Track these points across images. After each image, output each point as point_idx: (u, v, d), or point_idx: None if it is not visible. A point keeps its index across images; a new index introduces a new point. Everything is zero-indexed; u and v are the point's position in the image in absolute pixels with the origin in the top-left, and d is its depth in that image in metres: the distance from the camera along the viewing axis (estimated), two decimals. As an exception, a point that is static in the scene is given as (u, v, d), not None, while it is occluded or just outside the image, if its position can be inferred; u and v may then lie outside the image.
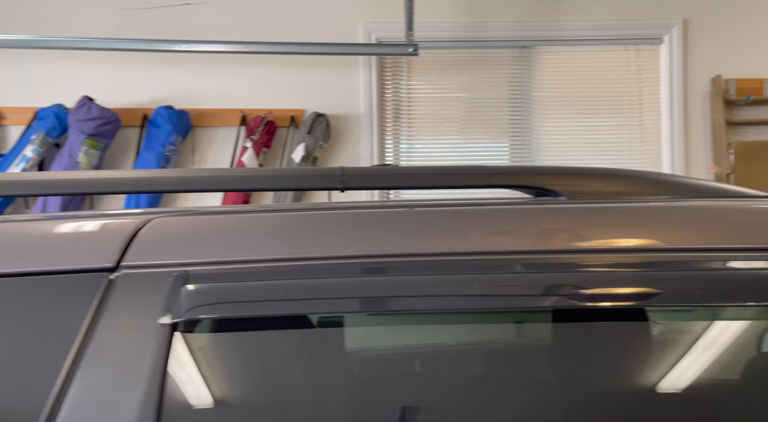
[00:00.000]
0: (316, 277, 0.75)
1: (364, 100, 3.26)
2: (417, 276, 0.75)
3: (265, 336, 0.76)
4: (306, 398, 0.76)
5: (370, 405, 0.75)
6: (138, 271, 0.75)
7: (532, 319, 0.81)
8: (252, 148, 3.08)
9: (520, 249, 0.77)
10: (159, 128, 3.04)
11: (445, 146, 3.41)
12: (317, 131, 3.15)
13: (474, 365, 0.82)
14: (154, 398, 0.68)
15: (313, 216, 0.87)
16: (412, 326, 0.82)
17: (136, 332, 0.71)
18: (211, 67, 3.16)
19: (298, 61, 3.20)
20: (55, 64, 3.09)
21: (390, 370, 0.81)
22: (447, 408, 0.75)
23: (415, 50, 3.00)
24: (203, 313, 0.73)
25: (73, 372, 0.69)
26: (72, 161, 2.97)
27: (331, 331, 0.79)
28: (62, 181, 1.00)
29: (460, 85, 3.38)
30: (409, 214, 0.88)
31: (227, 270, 0.75)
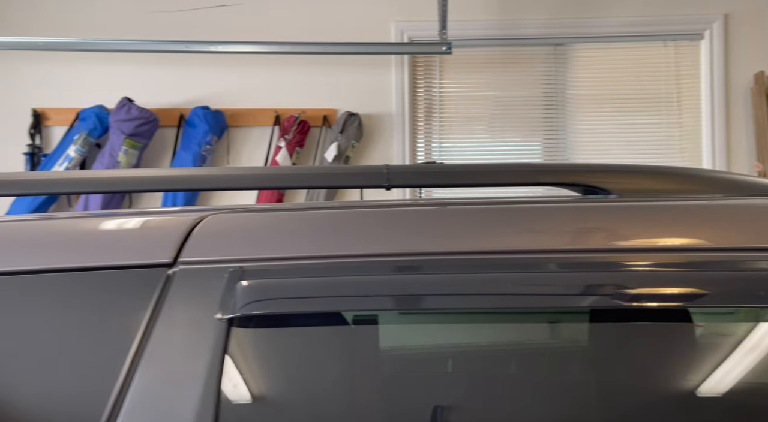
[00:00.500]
0: (371, 274, 0.75)
1: (396, 99, 3.27)
2: (476, 274, 0.75)
3: (320, 333, 0.77)
4: (359, 394, 0.76)
5: (422, 401, 0.75)
6: (194, 267, 0.76)
7: (583, 319, 0.80)
8: (286, 147, 3.12)
9: (574, 247, 0.77)
10: (195, 128, 3.10)
11: (476, 145, 3.39)
12: (349, 130, 3.17)
13: (519, 366, 0.82)
14: (213, 392, 0.69)
15: (366, 214, 0.87)
16: (464, 325, 0.82)
17: (194, 326, 0.72)
18: (246, 67, 3.22)
19: (330, 61, 3.22)
20: (96, 65, 3.18)
21: (441, 368, 0.81)
22: (493, 410, 0.75)
23: (448, 49, 3.00)
24: (258, 309, 0.74)
25: (136, 364, 0.71)
26: (112, 161, 3.05)
27: (386, 328, 0.80)
28: (105, 179, 1.03)
29: (492, 83, 3.36)
30: (465, 212, 0.88)
31: (282, 267, 0.76)
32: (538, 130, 3.34)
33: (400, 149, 3.27)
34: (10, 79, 3.17)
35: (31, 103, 3.15)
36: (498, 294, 0.75)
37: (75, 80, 3.18)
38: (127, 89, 3.12)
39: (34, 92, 3.17)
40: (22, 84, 3.17)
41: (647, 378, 0.75)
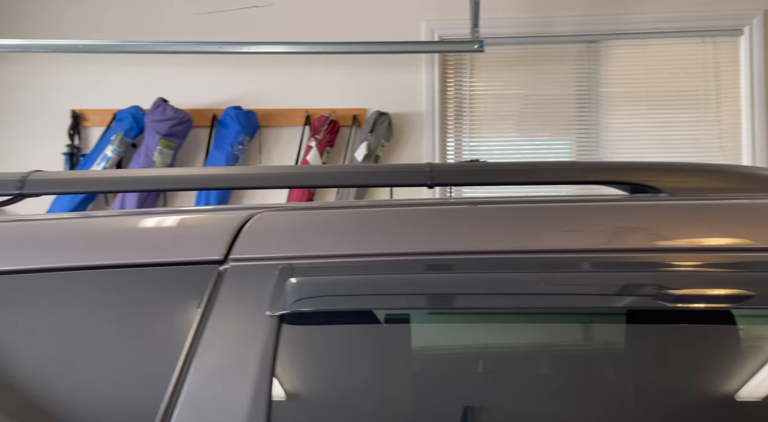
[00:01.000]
0: (419, 273, 0.76)
1: (426, 98, 3.26)
2: (528, 273, 0.75)
3: (369, 330, 0.78)
4: (406, 391, 0.77)
5: (467, 399, 0.76)
6: (245, 264, 0.78)
7: (633, 321, 0.79)
8: (316, 147, 3.14)
9: (626, 247, 0.76)
10: (228, 128, 3.15)
11: (507, 144, 3.36)
12: (379, 130, 3.18)
13: (568, 369, 0.81)
14: (265, 387, 0.70)
15: (411, 212, 0.88)
16: (512, 324, 0.82)
17: (246, 322, 0.73)
18: (277, 67, 3.25)
19: (360, 61, 3.24)
20: (132, 67, 3.26)
21: (487, 368, 0.81)
22: (533, 414, 0.75)
23: (480, 47, 2.98)
24: (308, 306, 0.75)
25: (190, 359, 0.73)
26: (148, 160, 3.11)
27: (436, 327, 0.80)
28: (143, 178, 1.06)
29: (523, 81, 3.33)
30: (512, 210, 0.87)
31: (331, 264, 0.77)
32: (569, 129, 3.30)
33: (429, 148, 3.26)
34: (51, 81, 3.27)
35: (71, 104, 3.24)
36: (564, 295, 0.75)
37: (112, 82, 3.26)
38: (161, 90, 3.18)
39: (73, 94, 3.25)
40: (63, 86, 3.26)
41: (690, 383, 0.73)
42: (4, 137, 3.26)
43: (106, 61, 3.24)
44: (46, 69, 3.27)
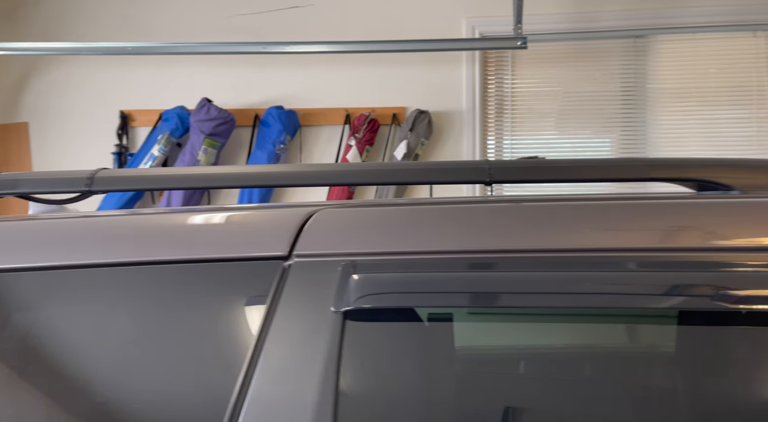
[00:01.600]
0: (485, 270, 0.76)
1: (466, 96, 3.24)
2: (601, 272, 0.75)
3: (432, 327, 0.78)
4: (471, 388, 0.76)
5: (529, 397, 0.76)
6: (308, 260, 0.79)
7: (704, 322, 0.77)
8: (356, 146, 3.16)
9: (700, 246, 0.75)
10: (270, 128, 3.19)
11: (550, 141, 3.31)
12: (419, 128, 3.17)
13: (638, 372, 0.79)
14: (332, 383, 0.71)
15: (473, 210, 0.87)
16: (586, 325, 0.81)
17: (311, 318, 0.75)
18: (318, 67, 3.28)
19: (400, 59, 3.24)
20: (178, 68, 3.34)
21: (554, 367, 0.80)
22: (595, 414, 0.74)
23: (523, 43, 2.95)
24: (372, 302, 0.76)
25: (258, 354, 0.74)
26: (193, 159, 3.18)
27: (499, 326, 0.80)
28: (204, 176, 1.07)
29: (566, 78, 3.27)
30: (579, 208, 0.86)
31: (393, 261, 0.78)
32: (615, 126, 3.23)
33: (470, 146, 3.24)
34: (101, 82, 3.38)
35: (119, 105, 3.34)
36: (631, 295, 0.74)
37: (158, 83, 3.34)
38: (206, 90, 3.25)
39: (121, 95, 3.35)
40: (112, 87, 3.37)
41: (744, 387, 0.71)
42: (57, 137, 3.39)
43: (153, 63, 3.33)
44: (97, 71, 3.38)
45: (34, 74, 3.41)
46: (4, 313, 0.83)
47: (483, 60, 3.28)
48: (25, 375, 0.80)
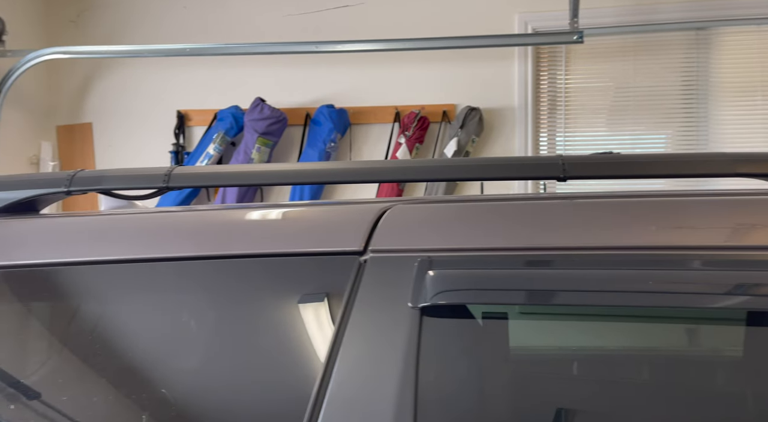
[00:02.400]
0: (565, 268, 0.75)
1: (518, 92, 3.19)
2: (683, 271, 0.73)
3: (511, 325, 0.78)
4: (549, 385, 0.76)
5: (608, 394, 0.74)
6: (384, 255, 0.80)
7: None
8: (405, 143, 3.16)
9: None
10: (321, 126, 3.23)
11: (604, 137, 3.22)
12: (470, 125, 3.14)
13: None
14: (411, 378, 0.71)
15: (548, 206, 0.86)
16: (672, 325, 0.79)
17: (388, 313, 0.75)
18: (368, 65, 3.29)
19: (450, 56, 3.22)
20: (232, 68, 3.41)
21: (637, 367, 0.78)
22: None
23: (580, 38, 2.88)
24: (450, 299, 0.76)
25: (337, 348, 0.75)
26: (247, 158, 3.24)
27: (580, 325, 0.79)
28: (272, 172, 1.08)
29: (623, 72, 3.18)
30: (656, 205, 0.84)
31: (470, 258, 0.77)
32: (671, 121, 3.12)
33: (522, 143, 3.19)
34: (160, 83, 3.49)
35: (176, 105, 3.44)
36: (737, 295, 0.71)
37: (213, 83, 3.43)
38: (259, 90, 3.31)
39: (178, 95, 3.46)
40: (169, 88, 3.48)
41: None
42: (119, 137, 3.52)
43: (209, 64, 3.42)
44: (156, 72, 3.49)
45: (97, 76, 3.56)
46: (88, 306, 0.86)
47: (535, 55, 3.22)
48: (108, 369, 0.82)
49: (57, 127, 3.58)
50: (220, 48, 3.15)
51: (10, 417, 0.79)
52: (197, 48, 3.12)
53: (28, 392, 0.81)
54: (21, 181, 1.05)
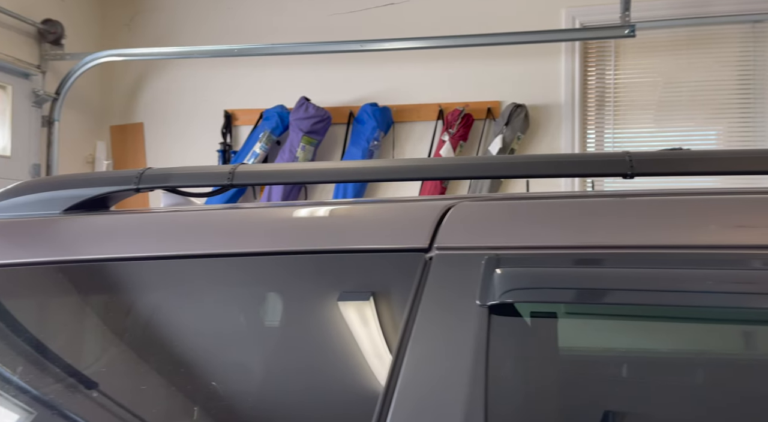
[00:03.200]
0: (638, 267, 0.73)
1: (565, 88, 3.13)
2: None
3: (582, 324, 0.77)
4: (621, 387, 0.74)
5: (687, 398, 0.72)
6: (450, 253, 0.79)
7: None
8: (449, 141, 3.14)
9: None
10: (364, 124, 3.24)
11: (656, 134, 3.13)
12: (515, 122, 3.10)
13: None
14: (481, 378, 0.70)
15: (617, 203, 0.84)
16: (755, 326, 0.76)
17: (455, 311, 0.74)
18: (411, 63, 3.29)
19: (494, 52, 3.18)
20: (277, 68, 3.46)
21: (716, 368, 0.74)
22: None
23: (632, 31, 2.81)
24: (518, 297, 0.75)
25: (405, 345, 0.74)
26: (292, 156, 3.28)
27: (654, 325, 0.76)
28: (332, 170, 1.09)
29: (675, 67, 3.08)
30: (733, 202, 0.80)
31: (538, 256, 0.76)
32: (722, 117, 3.00)
33: (569, 140, 3.13)
34: (207, 84, 3.57)
35: (224, 105, 3.51)
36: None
37: (259, 83, 3.48)
38: (303, 89, 3.35)
39: (225, 95, 3.53)
40: (217, 88, 3.55)
41: None
42: (168, 136, 3.62)
43: (255, 64, 3.48)
44: (204, 73, 3.57)
45: (148, 77, 3.66)
46: (162, 301, 0.88)
47: (583, 51, 3.15)
48: (181, 365, 0.83)
49: (110, 127, 3.70)
50: (267, 48, 3.20)
51: (91, 403, 0.81)
52: (245, 48, 3.18)
53: (103, 384, 0.82)
54: (94, 178, 1.08)
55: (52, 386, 0.83)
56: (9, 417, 0.82)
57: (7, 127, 3.18)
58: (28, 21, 3.21)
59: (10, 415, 0.82)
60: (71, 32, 3.41)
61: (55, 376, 0.84)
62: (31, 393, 0.83)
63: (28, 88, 3.26)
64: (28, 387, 0.83)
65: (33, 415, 0.82)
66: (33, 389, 0.83)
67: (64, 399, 0.82)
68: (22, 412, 0.82)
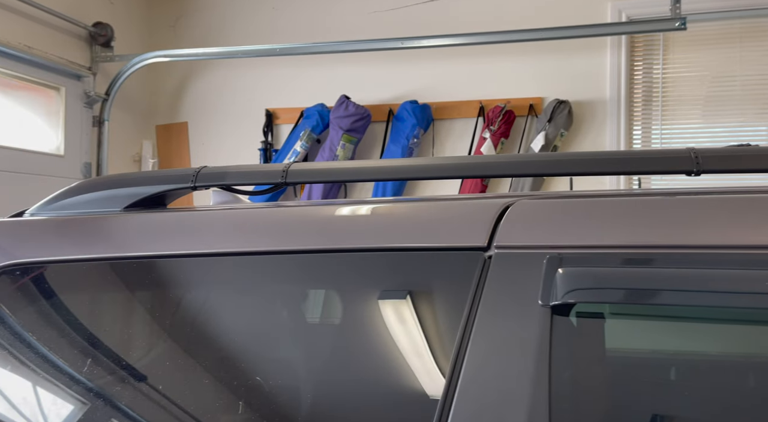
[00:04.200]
0: (701, 267, 0.71)
1: (611, 83, 3.04)
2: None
3: (645, 325, 0.75)
4: (690, 390, 0.71)
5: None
6: (509, 251, 0.78)
7: None
8: (490, 138, 3.09)
9: None
10: (404, 122, 3.22)
11: (705, 130, 3.00)
12: (558, 119, 3.03)
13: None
14: (544, 378, 0.69)
15: (684, 201, 0.81)
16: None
17: (516, 311, 0.73)
18: (452, 59, 3.25)
19: (536, 48, 3.11)
20: (318, 67, 3.48)
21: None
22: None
23: (682, 24, 2.71)
24: (582, 298, 0.73)
25: (465, 344, 0.74)
26: (332, 154, 3.29)
27: (724, 328, 0.74)
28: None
29: (727, 60, 2.95)
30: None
31: (601, 255, 0.75)
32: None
33: (614, 136, 3.04)
34: (249, 83, 3.61)
35: (265, 104, 3.55)
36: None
37: (300, 81, 3.51)
38: (343, 87, 3.35)
39: (267, 94, 3.56)
40: (258, 87, 3.59)
41: None
42: (211, 135, 3.68)
43: (295, 63, 3.50)
44: (245, 73, 3.61)
45: (192, 77, 3.73)
46: (219, 297, 0.89)
47: (630, 44, 3.05)
48: (239, 363, 0.83)
49: (156, 126, 3.79)
50: (308, 47, 3.22)
51: (154, 395, 0.83)
52: (287, 47, 3.21)
53: (166, 378, 0.84)
54: (152, 177, 1.11)
55: (116, 378, 0.85)
56: (72, 408, 0.84)
57: (61, 128, 3.29)
58: (80, 24, 3.32)
59: (72, 407, 0.84)
60: (119, 34, 3.51)
61: (116, 369, 0.86)
62: (94, 385, 0.84)
63: (80, 89, 3.37)
64: (91, 379, 0.85)
65: (95, 407, 0.83)
66: (96, 381, 0.85)
67: (127, 391, 0.84)
68: (83, 404, 0.84)
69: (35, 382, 0.87)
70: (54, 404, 0.85)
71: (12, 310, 0.92)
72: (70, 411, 0.84)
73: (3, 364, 0.89)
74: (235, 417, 0.79)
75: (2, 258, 0.96)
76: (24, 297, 0.94)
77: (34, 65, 3.09)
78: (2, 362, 0.89)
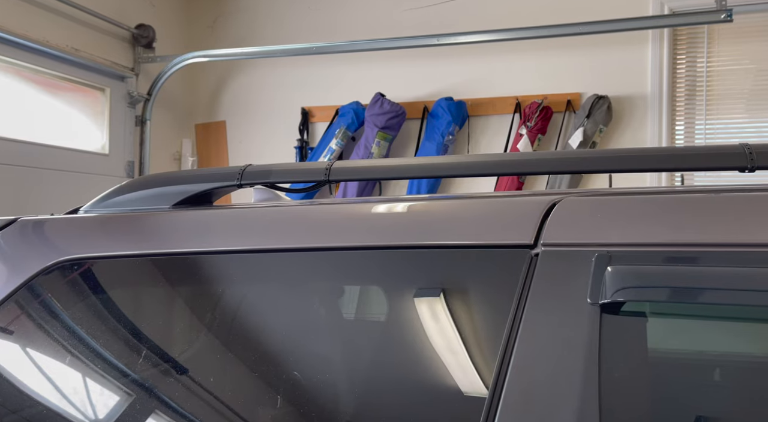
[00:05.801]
0: (752, 266, 0.69)
1: (652, 78, 2.96)
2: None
3: (696, 325, 0.74)
4: (744, 391, 0.70)
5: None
6: (556, 249, 0.77)
7: None
8: (527, 135, 3.04)
9: None
10: (439, 119, 3.20)
11: (752, 125, 2.89)
12: (597, 114, 2.96)
13: None
14: (593, 377, 0.68)
15: (736, 199, 0.80)
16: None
17: (564, 309, 0.73)
18: (487, 55, 3.21)
19: (574, 43, 3.05)
20: (353, 65, 3.48)
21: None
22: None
23: (728, 16, 2.62)
24: (632, 296, 0.72)
25: (512, 343, 0.73)
26: (367, 152, 3.29)
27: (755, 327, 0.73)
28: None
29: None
30: None
31: (651, 253, 0.74)
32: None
33: (655, 132, 2.96)
34: (285, 82, 3.64)
35: (301, 102, 3.57)
36: None
37: (335, 79, 3.52)
38: (378, 85, 3.35)
39: (302, 92, 3.59)
40: (294, 86, 3.62)
41: None
42: (249, 133, 3.72)
43: (330, 61, 3.52)
44: (282, 71, 3.65)
45: (230, 77, 3.79)
46: (265, 292, 0.91)
47: (672, 37, 2.96)
48: (285, 358, 0.84)
49: (195, 125, 3.86)
50: (344, 45, 3.23)
51: (202, 389, 0.84)
52: (322, 46, 3.23)
53: (212, 373, 0.85)
54: (199, 175, 1.13)
55: (164, 372, 0.87)
56: (121, 400, 0.86)
57: (106, 127, 3.38)
58: (123, 26, 3.40)
59: (121, 399, 0.86)
60: (160, 35, 3.59)
61: (164, 363, 0.87)
62: (143, 378, 0.86)
63: (124, 89, 3.46)
64: (140, 373, 0.86)
65: (143, 399, 0.85)
66: (145, 375, 0.86)
67: (175, 385, 0.85)
68: (132, 397, 0.86)
69: (87, 374, 0.89)
70: (104, 396, 0.87)
71: (68, 305, 0.94)
72: (120, 403, 0.85)
73: (57, 357, 0.91)
74: (283, 412, 0.80)
75: (59, 253, 0.98)
76: (80, 291, 0.96)
77: (80, 67, 3.19)
78: (57, 354, 0.91)
